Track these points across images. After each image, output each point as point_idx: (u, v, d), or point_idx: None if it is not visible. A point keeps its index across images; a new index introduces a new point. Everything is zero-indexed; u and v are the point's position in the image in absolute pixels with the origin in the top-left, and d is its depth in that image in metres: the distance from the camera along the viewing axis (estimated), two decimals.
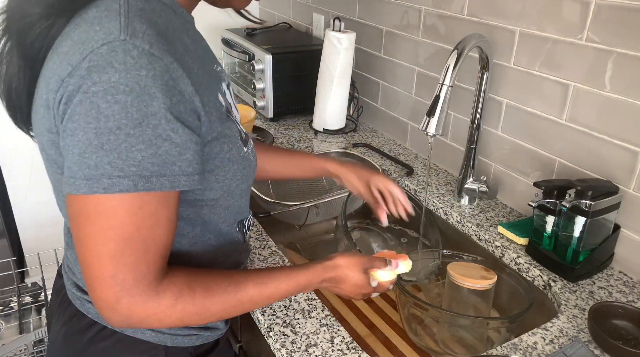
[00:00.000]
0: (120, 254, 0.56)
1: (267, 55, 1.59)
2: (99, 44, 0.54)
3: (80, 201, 0.56)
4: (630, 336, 0.84)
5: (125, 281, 0.57)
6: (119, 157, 0.54)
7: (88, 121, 0.53)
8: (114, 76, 0.53)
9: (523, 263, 1.01)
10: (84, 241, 0.57)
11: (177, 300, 0.61)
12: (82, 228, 0.57)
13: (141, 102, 0.54)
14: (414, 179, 1.33)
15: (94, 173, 0.54)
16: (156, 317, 0.61)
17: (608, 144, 0.97)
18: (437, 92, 0.93)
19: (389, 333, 0.98)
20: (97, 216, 0.56)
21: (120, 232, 0.56)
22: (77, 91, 0.54)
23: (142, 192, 0.56)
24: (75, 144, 0.54)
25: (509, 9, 1.10)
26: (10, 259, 1.64)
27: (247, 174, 0.73)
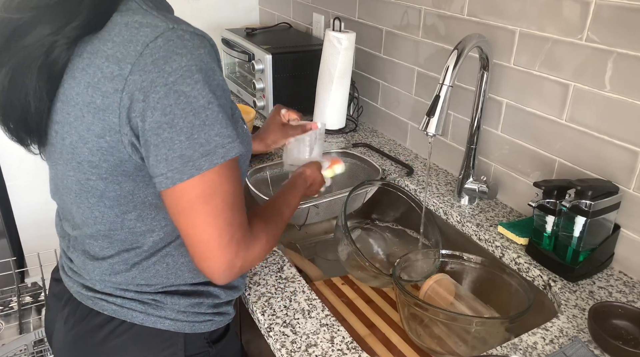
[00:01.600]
0: (234, 217, 0.65)
1: (267, 55, 1.59)
2: (151, 38, 0.57)
3: (197, 185, 0.61)
4: (630, 336, 0.84)
5: (240, 238, 0.66)
6: (222, 126, 0.60)
7: (182, 108, 0.58)
8: (183, 61, 0.57)
9: (523, 263, 1.01)
10: (204, 222, 0.63)
11: (267, 236, 0.72)
12: (201, 210, 0.62)
13: (209, 77, 0.60)
14: (414, 179, 1.33)
15: (209, 148, 0.60)
16: (258, 256, 0.71)
17: (608, 144, 0.97)
18: (437, 92, 0.93)
19: (389, 333, 0.98)
20: (214, 193, 0.62)
21: (230, 200, 0.64)
22: (153, 86, 0.57)
23: (239, 154, 0.63)
24: (178, 132, 0.58)
25: (509, 9, 1.10)
26: (10, 259, 1.64)
27: (249, 150, 0.78)
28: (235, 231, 0.65)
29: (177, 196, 0.62)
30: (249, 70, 1.75)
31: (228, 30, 1.89)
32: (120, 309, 0.74)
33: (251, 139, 0.81)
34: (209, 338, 0.80)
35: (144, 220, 0.70)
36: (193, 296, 0.77)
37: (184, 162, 0.59)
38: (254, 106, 1.71)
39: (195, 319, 0.77)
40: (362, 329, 0.99)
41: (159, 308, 0.74)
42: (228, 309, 0.83)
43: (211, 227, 0.63)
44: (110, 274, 0.74)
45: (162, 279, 0.74)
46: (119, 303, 0.74)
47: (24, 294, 1.86)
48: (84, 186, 0.67)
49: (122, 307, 0.74)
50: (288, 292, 0.91)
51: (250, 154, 0.79)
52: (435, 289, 1.00)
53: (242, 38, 1.78)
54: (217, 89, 0.61)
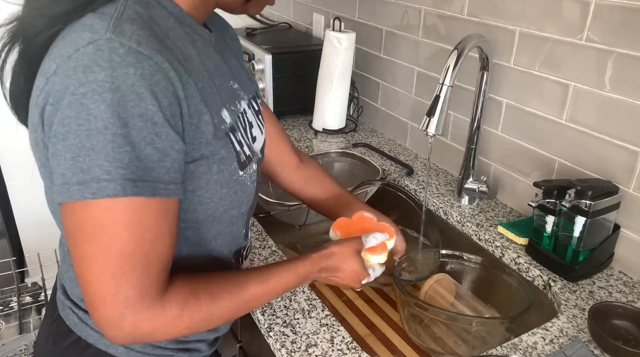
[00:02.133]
0: (122, 271, 0.55)
1: (267, 55, 1.59)
2: (84, 43, 0.53)
3: (77, 215, 0.54)
4: (630, 336, 0.84)
5: (129, 298, 0.55)
6: (106, 159, 0.52)
7: (79, 123, 0.52)
8: (100, 75, 0.51)
9: (523, 263, 1.01)
10: (83, 260, 0.55)
11: (184, 310, 0.60)
12: (80, 246, 0.55)
13: (127, 101, 0.52)
14: (414, 179, 1.33)
15: (86, 177, 0.52)
16: (163, 330, 0.59)
17: (608, 144, 0.97)
18: (437, 92, 0.93)
19: (389, 333, 0.98)
20: (96, 232, 0.54)
21: (120, 248, 0.54)
22: (64, 92, 0.52)
23: (132, 197, 0.53)
24: (67, 148, 0.52)
25: (509, 9, 1.10)
26: (10, 259, 1.64)
27: (238, 199, 0.69)
28: (123, 287, 0.55)
29: (62, 215, 0.56)
30: (249, 71, 1.75)
31: None
32: (79, 322, 0.71)
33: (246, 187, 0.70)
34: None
35: None
36: None
37: (62, 183, 0.53)
38: None
39: (152, 352, 0.70)
40: (362, 329, 0.99)
41: None
42: (199, 346, 0.76)
43: (89, 269, 0.54)
44: (74, 282, 0.71)
45: None
46: (80, 316, 0.71)
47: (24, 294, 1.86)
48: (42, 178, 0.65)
49: (81, 322, 0.71)
50: (288, 292, 0.91)
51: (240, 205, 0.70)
52: (435, 289, 1.00)
53: (242, 38, 1.78)
54: (133, 118, 0.52)
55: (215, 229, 0.69)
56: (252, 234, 1.08)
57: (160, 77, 0.54)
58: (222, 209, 0.67)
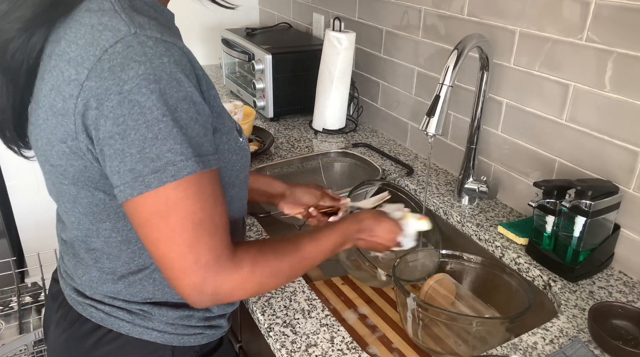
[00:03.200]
0: (197, 240, 0.59)
1: (267, 55, 1.59)
2: (111, 43, 0.55)
3: (150, 201, 0.57)
4: (630, 336, 0.84)
5: (208, 263, 0.60)
6: (175, 142, 0.55)
7: (135, 118, 0.54)
8: (140, 69, 0.54)
9: (523, 263, 1.01)
10: (161, 240, 0.59)
11: (255, 266, 0.64)
12: (157, 228, 0.58)
13: (172, 88, 0.55)
14: (414, 179, 1.33)
15: (159, 164, 0.55)
16: (240, 287, 0.63)
17: (608, 144, 0.97)
18: (437, 92, 0.93)
19: (389, 333, 0.98)
20: (169, 211, 0.57)
21: (192, 219, 0.58)
22: (107, 93, 0.54)
23: (202, 171, 0.58)
24: (130, 144, 0.55)
25: (509, 9, 1.10)
26: (10, 259, 1.64)
27: (244, 163, 0.74)
28: (201, 254, 0.59)
29: (132, 210, 0.59)
30: (249, 70, 1.75)
31: (228, 30, 1.89)
32: (107, 317, 0.72)
33: (247, 152, 0.75)
34: (200, 351, 0.77)
35: (119, 231, 0.67)
36: (183, 308, 0.74)
37: (134, 177, 0.56)
38: (254, 106, 1.70)
39: (184, 332, 0.74)
40: (362, 329, 0.99)
41: (147, 319, 0.72)
42: (221, 322, 0.80)
43: (169, 247, 0.59)
44: (97, 282, 0.72)
45: (149, 294, 0.72)
46: (107, 311, 0.72)
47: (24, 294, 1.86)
48: (59, 190, 0.66)
49: (109, 316, 0.72)
50: (288, 292, 0.91)
51: (245, 168, 0.75)
52: (435, 289, 1.00)
53: (242, 38, 1.78)
54: (179, 101, 0.56)
55: (229, 194, 0.73)
56: (252, 234, 1.08)
57: (186, 61, 0.58)
58: (234, 175, 0.72)
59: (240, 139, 0.73)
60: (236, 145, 0.70)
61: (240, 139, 0.73)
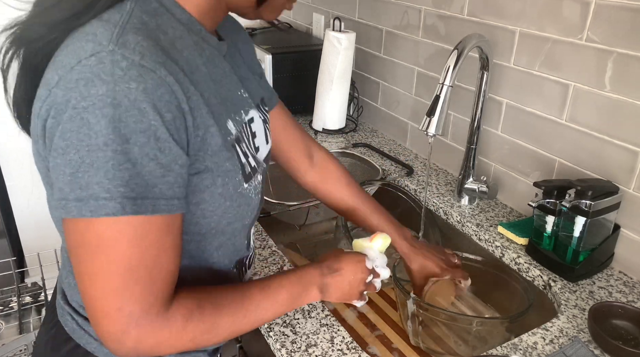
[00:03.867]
0: (126, 287, 0.54)
1: (267, 55, 1.59)
2: (87, 55, 0.52)
3: (80, 230, 0.53)
4: (630, 336, 0.84)
5: (133, 313, 0.55)
6: (105, 177, 0.51)
7: (80, 138, 0.51)
8: (102, 89, 0.50)
9: (523, 263, 1.01)
10: (86, 275, 0.55)
11: (188, 321, 0.59)
12: (83, 262, 0.54)
13: (129, 117, 0.51)
14: (414, 179, 1.33)
15: (84, 194, 0.51)
16: (167, 343, 0.59)
17: (608, 144, 0.97)
18: (437, 92, 0.93)
19: (389, 333, 0.98)
20: (99, 248, 0.53)
21: (123, 264, 0.54)
22: (66, 105, 0.51)
23: (149, 216, 0.53)
24: (67, 163, 0.52)
25: (509, 9, 1.10)
26: (10, 259, 1.64)
27: (242, 212, 0.68)
28: (127, 303, 0.54)
29: (65, 231, 0.55)
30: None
31: None
32: (78, 329, 0.70)
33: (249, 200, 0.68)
34: None
35: None
36: None
37: (60, 198, 0.53)
38: None
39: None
40: (362, 329, 0.99)
41: None
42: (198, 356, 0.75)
43: (93, 286, 0.54)
44: (74, 289, 0.70)
45: None
46: (79, 322, 0.70)
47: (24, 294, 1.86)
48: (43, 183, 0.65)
49: (80, 328, 0.70)
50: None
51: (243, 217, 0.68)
52: (435, 289, 1.00)
53: None
54: (135, 133, 0.51)
55: (217, 241, 0.68)
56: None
57: (164, 91, 0.53)
58: (225, 222, 0.66)
59: (245, 185, 0.66)
60: (234, 191, 0.64)
61: (245, 185, 0.66)
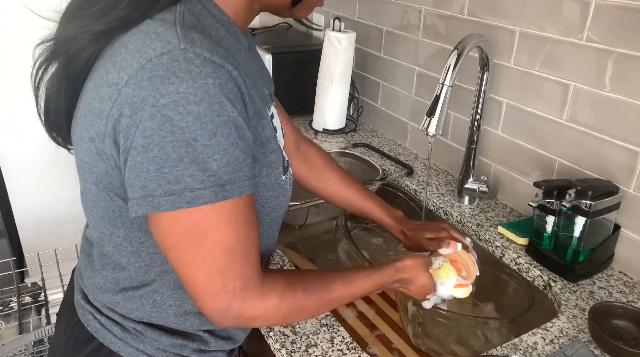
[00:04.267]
0: (228, 266, 0.59)
1: (267, 55, 1.59)
2: (157, 53, 0.53)
3: (177, 223, 0.56)
4: (630, 336, 0.84)
5: (236, 288, 0.60)
6: (198, 169, 0.54)
7: (163, 135, 0.52)
8: (182, 86, 0.52)
9: (523, 263, 1.01)
10: (191, 263, 0.58)
11: (282, 300, 0.64)
12: (187, 251, 0.58)
13: (213, 111, 0.53)
14: (414, 179, 1.33)
15: (176, 188, 0.54)
16: (263, 317, 0.64)
17: (608, 144, 0.97)
18: (437, 92, 0.93)
19: (389, 333, 0.98)
20: (200, 236, 0.56)
21: (224, 245, 0.58)
22: (142, 104, 0.52)
23: (239, 197, 0.57)
24: (150, 160, 0.53)
25: (509, 9, 1.10)
26: (10, 259, 1.64)
27: (279, 202, 0.71)
28: (230, 279, 0.59)
29: (159, 231, 0.58)
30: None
31: None
32: (102, 329, 0.71)
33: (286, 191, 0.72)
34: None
35: (131, 241, 0.66)
36: (177, 335, 0.72)
37: (144, 196, 0.54)
38: None
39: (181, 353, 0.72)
40: (362, 329, 0.99)
41: (139, 340, 0.70)
42: (217, 356, 0.77)
43: (200, 271, 0.58)
44: (99, 289, 0.71)
45: (145, 314, 0.70)
46: (102, 322, 0.71)
47: (24, 294, 1.86)
48: (83, 186, 0.66)
49: (103, 328, 0.71)
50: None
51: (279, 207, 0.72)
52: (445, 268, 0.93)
53: None
54: (220, 126, 0.54)
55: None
56: None
57: (233, 84, 0.56)
58: (265, 212, 0.70)
59: (283, 177, 0.70)
60: (275, 182, 0.68)
61: (283, 176, 0.70)
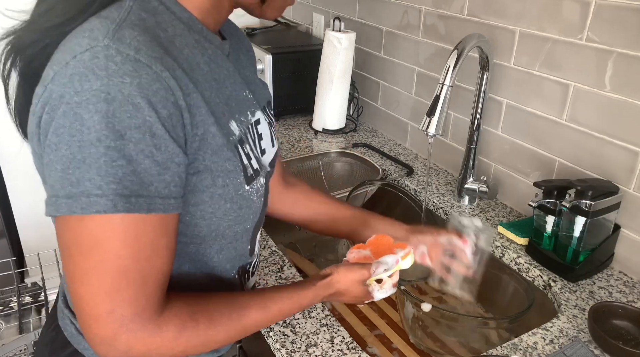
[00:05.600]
0: (117, 289, 0.53)
1: (267, 55, 1.59)
2: (82, 50, 0.51)
3: (71, 228, 0.52)
4: (630, 336, 0.84)
5: (124, 316, 0.53)
6: (97, 173, 0.50)
7: (72, 134, 0.50)
8: (96, 84, 0.49)
9: (523, 263, 1.01)
10: (76, 276, 0.53)
11: (181, 333, 0.58)
12: (74, 261, 0.53)
13: (124, 112, 0.50)
14: (414, 179, 1.33)
15: (75, 191, 0.50)
16: (158, 352, 0.57)
17: (608, 144, 0.97)
18: (437, 92, 0.93)
19: (389, 333, 0.98)
20: (90, 248, 0.52)
21: (116, 265, 0.52)
22: (60, 101, 0.51)
23: (144, 214, 0.52)
24: (58, 159, 0.51)
25: (509, 9, 1.10)
26: (10, 259, 1.64)
27: (243, 215, 0.66)
28: (118, 305, 0.53)
29: (56, 229, 0.54)
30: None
31: None
32: (77, 334, 0.69)
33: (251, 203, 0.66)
34: None
35: None
36: None
37: (51, 195, 0.52)
38: None
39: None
40: (362, 329, 0.99)
41: None
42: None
43: (84, 287, 0.52)
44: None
45: None
46: (77, 328, 0.69)
47: (24, 294, 1.86)
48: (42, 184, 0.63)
49: (78, 334, 0.69)
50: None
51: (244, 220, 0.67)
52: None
53: None
54: (130, 129, 0.50)
55: (217, 244, 0.67)
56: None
57: (159, 86, 0.52)
58: (225, 225, 0.64)
59: (246, 187, 0.64)
60: (235, 193, 0.62)
61: (247, 187, 0.64)
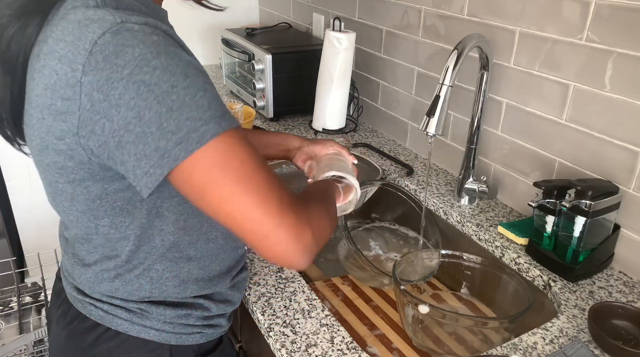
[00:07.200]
0: (267, 179, 0.58)
1: (267, 55, 1.59)
2: (99, 34, 0.54)
3: (198, 167, 0.55)
4: (630, 336, 0.84)
5: (292, 200, 0.59)
6: (190, 111, 0.54)
7: (145, 98, 0.53)
8: (135, 51, 0.54)
9: (523, 263, 1.01)
10: (233, 194, 0.56)
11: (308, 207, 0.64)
12: (220, 185, 0.56)
13: (173, 59, 0.55)
14: (414, 179, 1.33)
15: (181, 135, 0.54)
16: (322, 224, 0.65)
17: (608, 144, 0.97)
18: (437, 92, 0.93)
19: (389, 333, 0.98)
20: (227, 163, 0.56)
21: (252, 162, 0.57)
22: (109, 83, 0.53)
23: (228, 129, 0.56)
24: (147, 124, 0.54)
25: (509, 9, 1.10)
26: (10, 259, 1.64)
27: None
28: (281, 192, 0.58)
29: (185, 181, 0.57)
30: (248, 70, 1.75)
31: (228, 30, 1.89)
32: (106, 315, 0.73)
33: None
34: (198, 351, 0.77)
35: (117, 227, 0.66)
36: (181, 307, 0.74)
37: (161, 155, 0.55)
38: (254, 106, 1.70)
39: (182, 331, 0.75)
40: (362, 329, 0.99)
41: (145, 317, 0.73)
42: (220, 322, 0.80)
43: (245, 194, 0.56)
44: (94, 282, 0.72)
45: (146, 292, 0.72)
46: (105, 309, 0.73)
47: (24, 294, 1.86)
48: (55, 189, 0.66)
49: (108, 314, 0.73)
50: (288, 292, 0.91)
51: None
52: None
53: (242, 38, 1.78)
54: (186, 68, 0.56)
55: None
56: None
57: (174, 40, 0.58)
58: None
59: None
60: None
61: None
